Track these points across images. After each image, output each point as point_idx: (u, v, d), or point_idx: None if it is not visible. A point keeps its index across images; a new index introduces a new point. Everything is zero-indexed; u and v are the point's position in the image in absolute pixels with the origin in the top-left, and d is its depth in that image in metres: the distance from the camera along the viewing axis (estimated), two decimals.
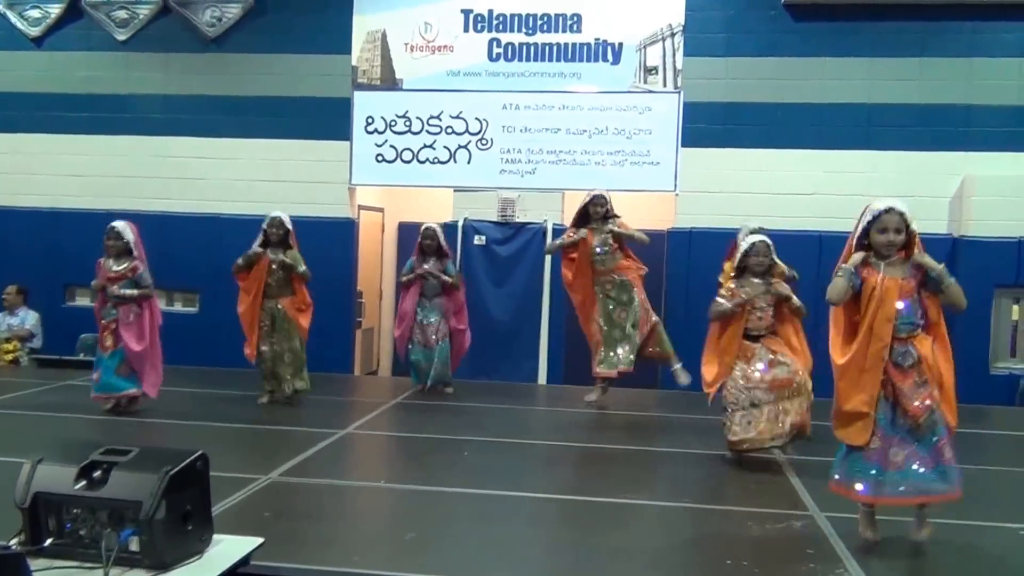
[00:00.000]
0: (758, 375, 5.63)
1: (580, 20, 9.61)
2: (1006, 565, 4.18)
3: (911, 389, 4.09)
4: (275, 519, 4.39)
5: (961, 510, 4.50)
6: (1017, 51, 9.10)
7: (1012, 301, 9.03)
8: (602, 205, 7.47)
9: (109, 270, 6.86)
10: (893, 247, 4.10)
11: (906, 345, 4.10)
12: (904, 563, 4.14)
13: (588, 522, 4.67)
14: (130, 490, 2.67)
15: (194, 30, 10.05)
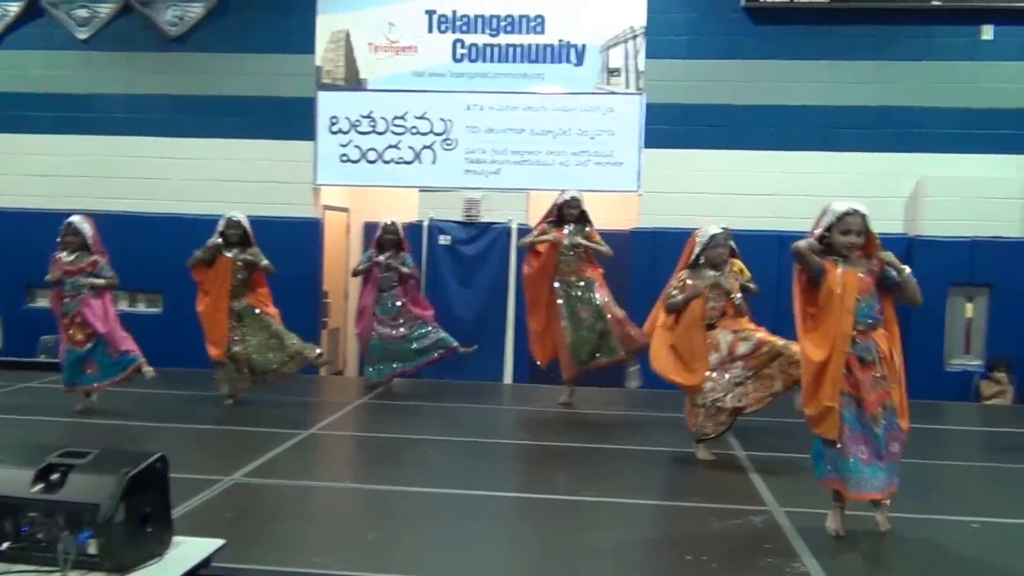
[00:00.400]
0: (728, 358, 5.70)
1: (543, 22, 9.63)
2: (958, 557, 4.24)
3: (870, 383, 4.17)
4: (237, 520, 4.36)
5: (915, 504, 4.59)
6: (968, 55, 9.26)
7: (965, 299, 9.18)
8: (576, 207, 7.50)
9: (65, 263, 6.77)
10: (855, 249, 4.18)
11: (867, 339, 4.18)
12: (858, 556, 4.19)
13: (552, 520, 4.69)
14: (88, 493, 2.64)
15: (156, 29, 9.91)
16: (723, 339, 5.74)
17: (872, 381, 4.17)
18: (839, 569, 3.93)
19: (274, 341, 7.30)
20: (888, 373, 4.19)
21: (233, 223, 7.28)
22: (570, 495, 5.11)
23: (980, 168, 9.18)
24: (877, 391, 4.17)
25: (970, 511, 4.90)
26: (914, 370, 8.62)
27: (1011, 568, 4.10)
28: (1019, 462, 6.27)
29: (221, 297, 7.22)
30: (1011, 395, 8.81)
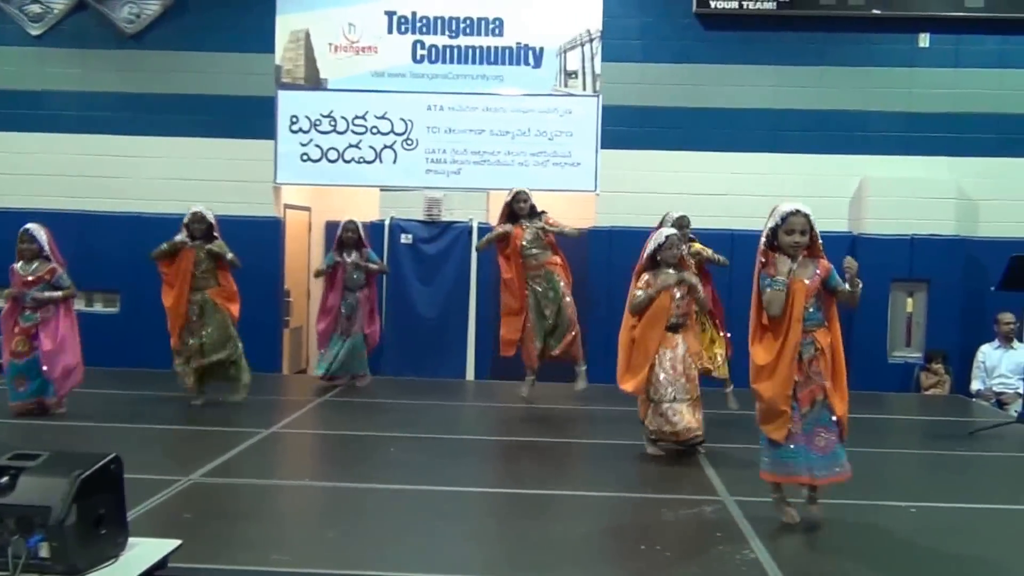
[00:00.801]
0: (681, 367, 5.68)
1: (502, 24, 9.58)
2: (897, 540, 4.30)
3: (803, 379, 4.22)
4: (195, 520, 4.25)
5: (858, 490, 4.64)
6: (906, 62, 9.43)
7: (906, 294, 9.34)
8: (524, 200, 7.43)
9: (24, 274, 6.55)
10: (799, 247, 4.22)
11: (808, 337, 4.24)
12: (803, 541, 4.23)
13: (512, 514, 4.66)
14: (39, 495, 2.55)
15: (111, 26, 9.65)
16: (680, 347, 5.73)
17: (805, 378, 4.22)
18: (786, 554, 3.97)
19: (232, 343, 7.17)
20: (823, 368, 4.24)
21: (198, 217, 7.14)
22: (530, 489, 5.09)
23: (918, 169, 9.36)
24: (810, 387, 4.22)
25: (909, 496, 4.99)
26: (859, 362, 8.84)
27: (946, 549, 4.17)
28: (955, 449, 6.41)
29: (183, 287, 7.06)
30: (948, 385, 8.99)
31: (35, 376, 6.56)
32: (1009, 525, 4.71)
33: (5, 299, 6.73)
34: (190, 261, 7.05)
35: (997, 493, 5.35)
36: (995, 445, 6.49)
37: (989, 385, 8.62)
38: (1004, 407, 8.29)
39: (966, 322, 9.09)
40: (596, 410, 7.60)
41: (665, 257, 5.74)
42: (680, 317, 5.77)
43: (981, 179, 9.38)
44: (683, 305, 5.77)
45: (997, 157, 9.38)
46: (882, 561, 4.00)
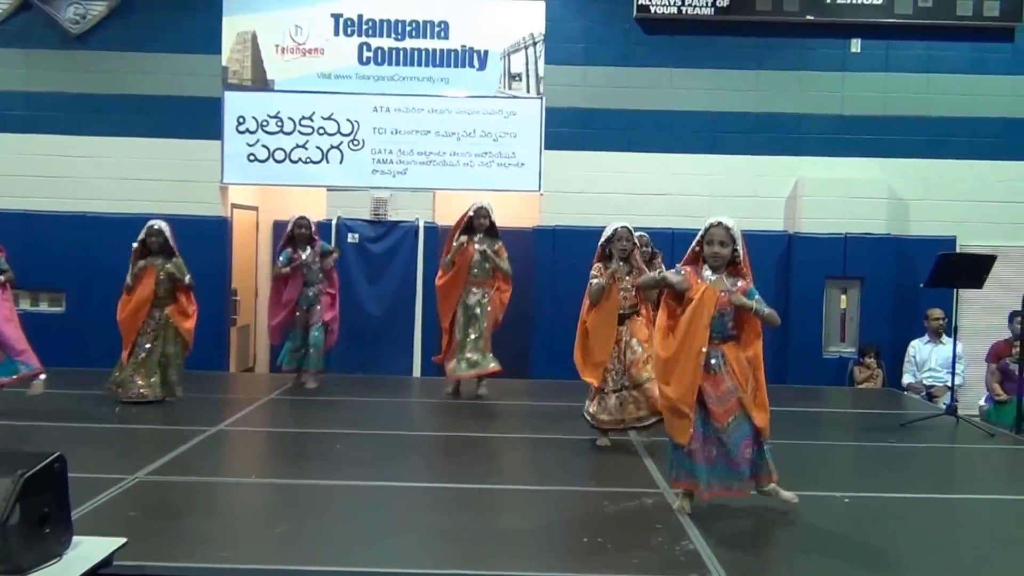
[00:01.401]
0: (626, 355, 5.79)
1: (447, 27, 9.61)
2: (831, 529, 4.41)
3: (718, 396, 4.29)
4: (141, 518, 4.21)
5: (794, 481, 4.75)
6: (838, 66, 9.68)
7: (840, 291, 9.57)
8: (485, 216, 7.50)
9: None
10: (717, 258, 4.31)
11: (717, 350, 4.32)
12: (741, 531, 4.33)
13: (457, 509, 4.68)
14: None
15: (57, 26, 9.47)
16: (625, 339, 5.84)
17: (720, 395, 4.28)
18: (724, 544, 4.04)
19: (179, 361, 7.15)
20: (739, 382, 4.30)
21: (154, 231, 7.07)
22: (475, 483, 5.12)
23: (851, 170, 9.60)
24: (727, 403, 4.29)
25: (843, 487, 5.10)
26: (795, 357, 9.15)
27: (876, 537, 4.28)
28: (887, 441, 6.55)
29: (142, 305, 7.01)
30: (881, 379, 9.22)
31: None
32: (938, 513, 4.87)
33: None
34: (151, 278, 6.99)
35: (927, 482, 5.52)
36: (925, 436, 6.66)
37: (919, 378, 8.89)
38: (934, 399, 8.53)
39: (897, 318, 9.35)
40: (540, 405, 7.67)
41: (615, 251, 5.83)
42: (628, 308, 5.85)
43: (911, 179, 9.65)
44: (630, 297, 5.86)
45: (926, 158, 9.66)
46: (817, 549, 4.10)
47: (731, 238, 4.29)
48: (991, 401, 8.04)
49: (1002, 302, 8.46)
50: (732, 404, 4.31)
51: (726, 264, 4.35)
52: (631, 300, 5.89)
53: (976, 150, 9.66)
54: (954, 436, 6.81)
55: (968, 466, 6.33)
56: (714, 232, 4.30)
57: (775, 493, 4.49)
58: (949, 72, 9.66)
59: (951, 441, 6.73)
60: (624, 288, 5.85)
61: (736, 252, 4.31)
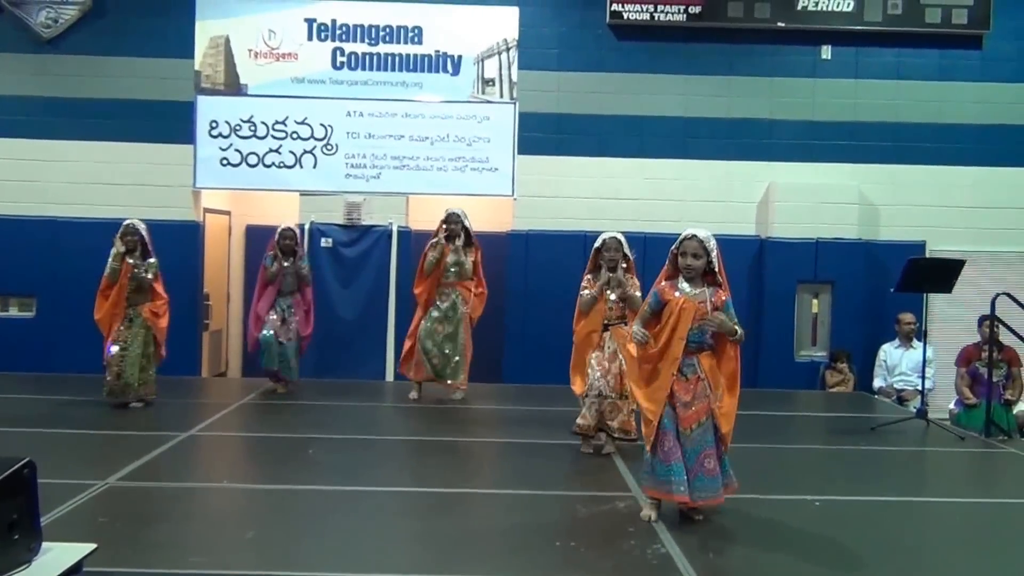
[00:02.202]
0: (608, 365, 5.80)
1: (421, 33, 9.64)
2: (803, 532, 4.47)
3: (688, 401, 4.35)
4: (111, 524, 4.19)
5: (765, 484, 4.82)
6: (808, 72, 9.81)
7: (812, 295, 9.67)
8: (457, 222, 7.53)
9: None
10: (691, 270, 4.37)
11: (692, 358, 4.38)
12: (712, 535, 4.35)
13: (430, 512, 4.70)
14: None
15: (28, 30, 9.41)
16: (608, 345, 5.84)
17: (688, 401, 4.34)
18: (695, 547, 4.08)
19: (144, 360, 7.09)
20: (711, 390, 4.36)
21: (131, 230, 7.05)
22: (448, 488, 5.14)
23: (822, 175, 9.72)
24: (695, 407, 4.34)
25: (814, 490, 5.14)
26: (767, 362, 9.25)
27: (847, 540, 4.32)
28: (858, 444, 6.62)
29: (118, 301, 6.98)
30: (852, 383, 9.32)
31: None
32: (909, 515, 4.92)
33: None
34: (126, 276, 6.97)
35: (898, 485, 5.56)
36: (896, 440, 6.73)
37: (890, 382, 9.00)
38: (904, 403, 8.65)
39: (868, 322, 9.46)
40: (513, 410, 7.70)
41: (605, 260, 5.87)
42: (614, 320, 5.86)
43: (881, 185, 9.78)
44: (616, 308, 5.87)
45: (895, 164, 9.80)
46: (788, 552, 4.14)
47: (704, 249, 4.35)
48: (960, 405, 8.13)
49: (971, 306, 8.59)
50: (700, 409, 4.35)
51: (702, 274, 4.40)
52: (617, 311, 5.91)
53: (945, 156, 9.80)
54: (924, 440, 6.88)
55: (938, 470, 6.39)
56: (687, 244, 4.36)
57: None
58: (918, 79, 9.82)
59: (921, 445, 6.79)
60: (610, 299, 5.87)
61: (711, 262, 4.38)
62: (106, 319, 7.02)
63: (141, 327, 7.06)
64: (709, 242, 4.36)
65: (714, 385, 4.38)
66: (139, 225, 7.12)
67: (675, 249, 4.42)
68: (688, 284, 4.39)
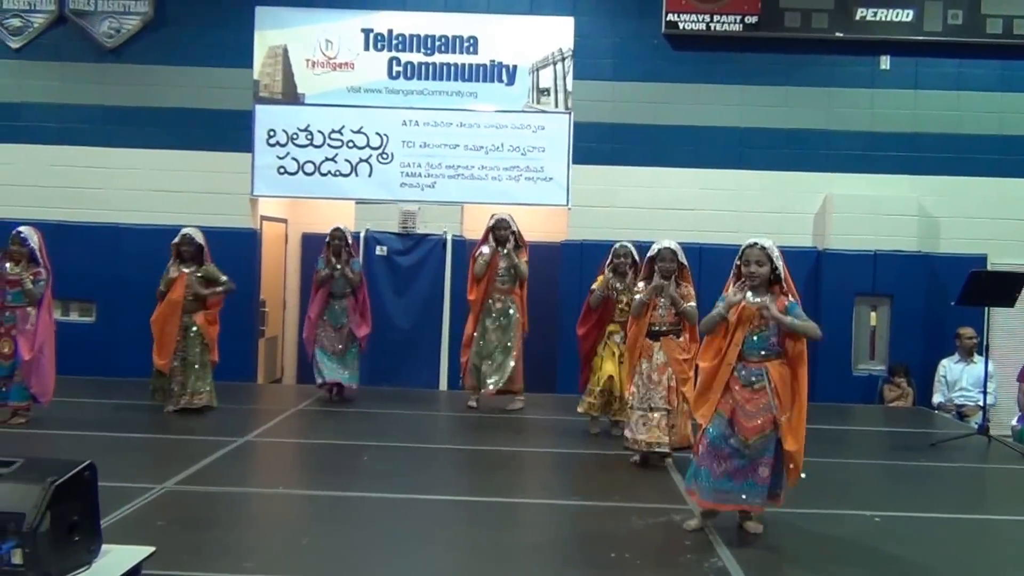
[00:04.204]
0: (656, 376, 5.68)
1: (476, 42, 9.62)
2: (862, 548, 4.34)
3: (753, 411, 4.24)
4: (169, 528, 4.20)
5: (824, 499, 4.69)
6: (867, 83, 9.58)
7: (870, 308, 9.43)
8: (505, 228, 7.50)
9: (7, 274, 6.52)
10: (755, 277, 4.28)
11: (760, 367, 4.27)
12: (771, 549, 4.25)
13: (484, 522, 4.65)
14: (12, 502, 2.52)
15: (91, 40, 9.60)
16: (656, 357, 5.72)
17: (755, 410, 4.24)
18: (753, 562, 3.99)
19: (203, 368, 7.15)
20: (779, 401, 4.24)
21: (187, 239, 7.13)
22: (501, 497, 5.08)
23: (880, 187, 9.48)
24: (761, 418, 4.23)
25: (873, 506, 5.02)
26: (823, 375, 9.02)
27: (907, 557, 4.21)
28: (917, 460, 6.47)
29: (174, 310, 7.05)
30: (911, 398, 9.07)
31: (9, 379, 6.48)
32: (971, 534, 4.78)
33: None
34: (182, 285, 7.05)
35: (959, 502, 5.42)
36: (957, 456, 6.55)
37: (950, 397, 8.73)
38: (965, 419, 8.39)
39: (928, 336, 9.20)
40: (567, 420, 7.58)
41: (660, 269, 5.77)
42: (664, 326, 5.73)
43: (941, 197, 9.52)
44: (667, 315, 5.75)
45: (955, 176, 9.53)
46: (848, 568, 4.04)
47: (767, 257, 4.28)
48: (1023, 421, 7.87)
49: None
50: (765, 422, 4.24)
51: (766, 283, 4.31)
52: (667, 318, 5.78)
53: (1006, 167, 9.52)
54: (985, 456, 6.70)
55: (1000, 487, 6.22)
56: (749, 253, 4.32)
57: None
58: (979, 90, 9.55)
59: (982, 461, 6.62)
60: (662, 305, 5.75)
61: (776, 270, 4.28)
62: (159, 323, 7.07)
63: (197, 336, 7.11)
64: (772, 250, 4.30)
65: (783, 398, 4.24)
66: (195, 234, 7.18)
67: (739, 259, 4.36)
68: (752, 292, 4.29)
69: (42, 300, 6.59)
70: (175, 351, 7.04)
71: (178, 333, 7.06)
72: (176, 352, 7.05)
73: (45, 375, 6.55)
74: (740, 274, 4.37)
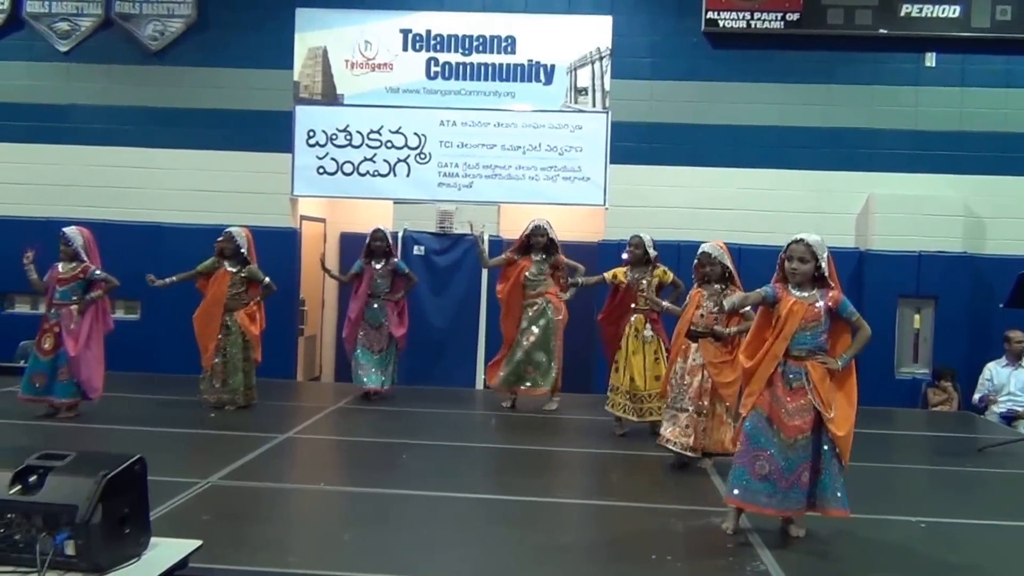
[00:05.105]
0: (690, 378, 5.65)
1: (514, 42, 9.64)
2: (907, 554, 4.28)
3: (794, 410, 4.18)
4: (214, 522, 4.27)
5: (868, 504, 4.62)
6: (912, 80, 9.43)
7: (913, 311, 9.29)
8: (542, 235, 7.51)
9: (58, 272, 6.68)
10: (796, 273, 4.22)
11: (800, 365, 4.21)
12: (814, 554, 4.20)
13: (521, 521, 4.64)
14: (66, 494, 2.57)
15: (136, 43, 9.79)
16: (692, 358, 5.67)
17: (797, 408, 4.18)
18: (796, 566, 3.95)
19: (246, 364, 7.24)
20: (822, 399, 4.17)
21: (227, 237, 7.24)
22: (539, 497, 5.08)
23: (924, 187, 9.33)
24: (802, 418, 4.17)
25: (918, 511, 4.95)
26: (866, 378, 8.71)
27: (955, 564, 4.15)
28: (963, 465, 6.34)
29: (214, 307, 7.15)
30: (956, 402, 8.90)
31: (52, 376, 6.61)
32: (1018, 541, 4.68)
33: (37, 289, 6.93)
34: (224, 282, 7.14)
35: (1007, 508, 5.30)
36: (1004, 462, 6.42)
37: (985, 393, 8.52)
38: (1012, 424, 8.23)
39: (973, 339, 9.03)
40: (604, 420, 7.57)
41: (706, 274, 5.72)
42: (703, 328, 5.64)
43: (987, 197, 9.35)
44: (708, 318, 5.64)
45: (1002, 175, 9.35)
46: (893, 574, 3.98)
47: (812, 254, 4.21)
48: None
49: None
50: (806, 422, 4.18)
51: (810, 280, 4.25)
52: (708, 320, 5.69)
53: None
54: None
55: None
56: (793, 248, 4.25)
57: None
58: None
59: None
60: (703, 307, 5.69)
61: (820, 267, 4.22)
62: (200, 319, 7.18)
63: (238, 334, 7.21)
64: (817, 246, 4.22)
65: (825, 399, 4.19)
66: (235, 232, 7.28)
67: (782, 254, 4.29)
68: (796, 289, 4.24)
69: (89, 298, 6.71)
70: (217, 348, 7.14)
71: (220, 331, 7.16)
72: (218, 349, 7.15)
73: (93, 371, 6.68)
74: (783, 269, 4.30)
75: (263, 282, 7.28)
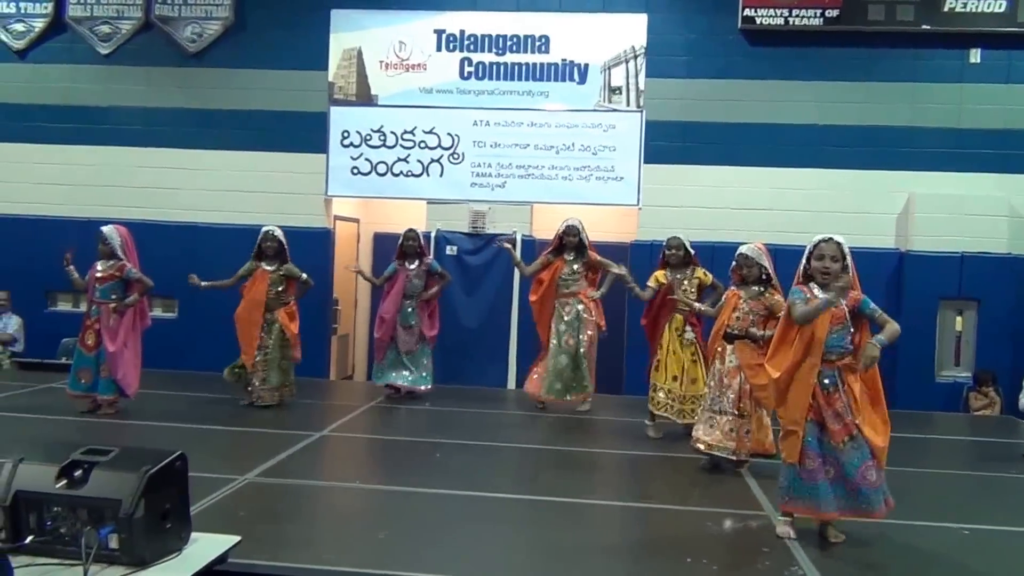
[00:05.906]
0: (727, 380, 5.63)
1: (548, 42, 9.66)
2: (949, 561, 4.23)
3: (835, 413, 4.17)
4: (251, 518, 4.33)
5: (909, 510, 4.56)
6: (955, 77, 9.28)
7: (955, 313, 9.15)
8: (575, 235, 7.52)
9: (96, 271, 6.83)
10: (827, 273, 4.21)
11: (833, 368, 4.20)
12: (854, 560, 4.16)
13: (554, 521, 4.66)
14: (110, 489, 2.62)
15: (175, 45, 9.97)
16: (729, 360, 5.65)
17: (835, 413, 4.17)
18: (833, 571, 3.91)
19: (285, 363, 7.35)
20: (852, 402, 4.17)
21: (270, 236, 7.36)
22: (572, 498, 5.08)
23: (967, 186, 9.18)
24: (843, 422, 4.17)
25: (960, 517, 4.88)
26: (906, 382, 8.79)
27: (995, 571, 4.09)
28: (1006, 471, 6.24)
29: (255, 306, 7.27)
30: (999, 407, 8.76)
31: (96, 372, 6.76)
32: None
33: (78, 287, 7.11)
34: (264, 282, 7.26)
35: None
36: None
37: None
38: None
39: (1017, 342, 8.89)
40: (636, 422, 7.54)
41: (745, 276, 5.69)
42: (738, 330, 5.63)
43: None
44: (744, 320, 5.62)
45: None
46: None
47: (842, 253, 4.22)
48: None
49: None
50: (848, 424, 4.18)
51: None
52: (744, 323, 5.64)
53: None
54: None
55: None
56: (825, 247, 4.24)
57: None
58: None
59: None
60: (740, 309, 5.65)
61: (846, 267, 4.22)
62: (242, 318, 7.30)
63: (279, 332, 7.31)
64: (845, 246, 4.24)
65: (855, 399, 4.18)
66: (277, 232, 7.39)
67: (810, 252, 4.27)
68: (821, 290, 4.22)
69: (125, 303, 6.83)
70: (258, 347, 7.25)
71: (260, 329, 7.26)
72: (259, 348, 7.25)
73: (129, 369, 6.81)
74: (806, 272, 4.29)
75: (300, 278, 7.39)
